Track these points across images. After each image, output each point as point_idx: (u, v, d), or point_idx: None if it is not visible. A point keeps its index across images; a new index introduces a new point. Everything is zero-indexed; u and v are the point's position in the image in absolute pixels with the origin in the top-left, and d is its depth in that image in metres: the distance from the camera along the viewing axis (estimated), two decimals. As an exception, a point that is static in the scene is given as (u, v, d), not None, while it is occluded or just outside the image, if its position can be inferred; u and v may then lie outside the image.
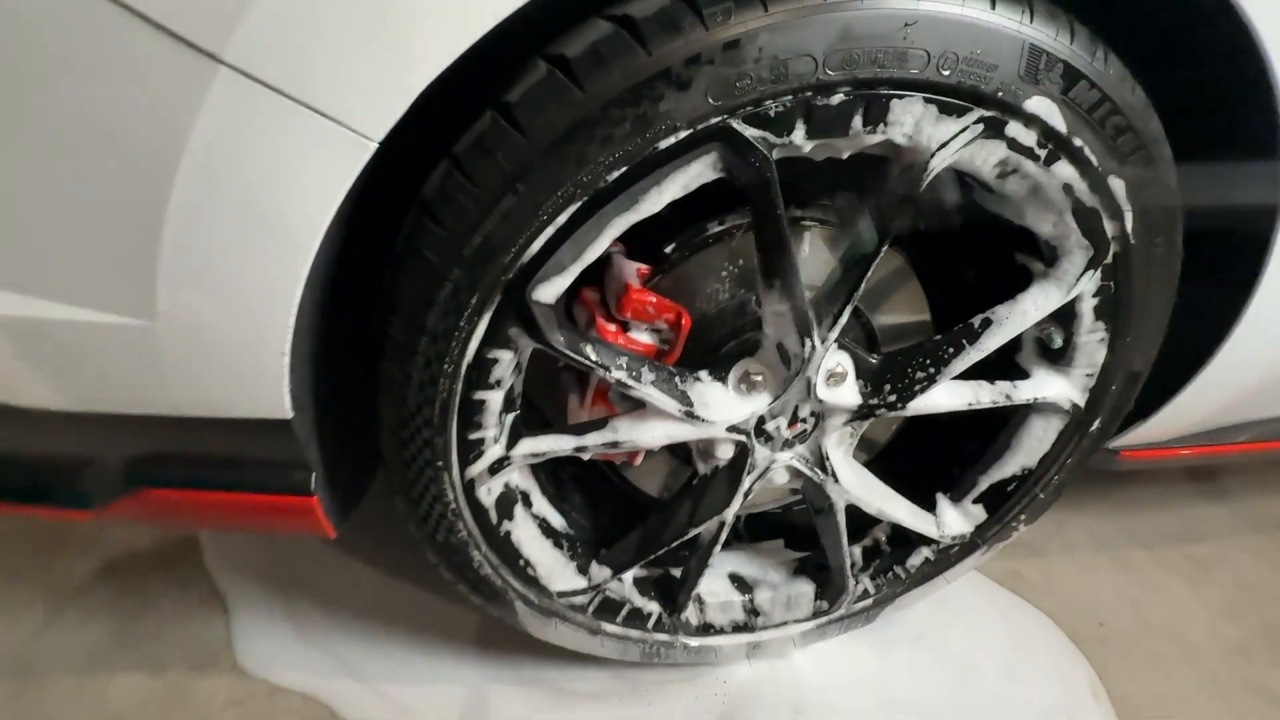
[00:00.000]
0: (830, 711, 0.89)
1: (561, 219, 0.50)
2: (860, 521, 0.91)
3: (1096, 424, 0.76)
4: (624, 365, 0.60)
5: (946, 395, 0.71)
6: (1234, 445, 0.95)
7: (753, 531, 1.00)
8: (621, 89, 0.45)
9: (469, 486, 0.64)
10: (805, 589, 0.91)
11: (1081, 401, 0.74)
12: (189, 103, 0.39)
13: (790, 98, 0.48)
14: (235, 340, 0.50)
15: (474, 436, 0.61)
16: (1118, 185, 0.57)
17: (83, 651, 0.93)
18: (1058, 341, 0.70)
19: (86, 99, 0.39)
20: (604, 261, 0.67)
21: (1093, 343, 0.69)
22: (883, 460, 0.91)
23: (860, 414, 0.71)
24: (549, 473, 0.80)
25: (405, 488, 0.64)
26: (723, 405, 0.66)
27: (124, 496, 0.65)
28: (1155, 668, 0.98)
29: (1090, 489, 1.28)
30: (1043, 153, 0.55)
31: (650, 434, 0.66)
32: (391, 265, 0.54)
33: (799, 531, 0.97)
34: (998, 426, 0.82)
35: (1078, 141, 0.54)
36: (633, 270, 0.67)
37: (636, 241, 0.67)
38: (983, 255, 0.74)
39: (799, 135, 0.50)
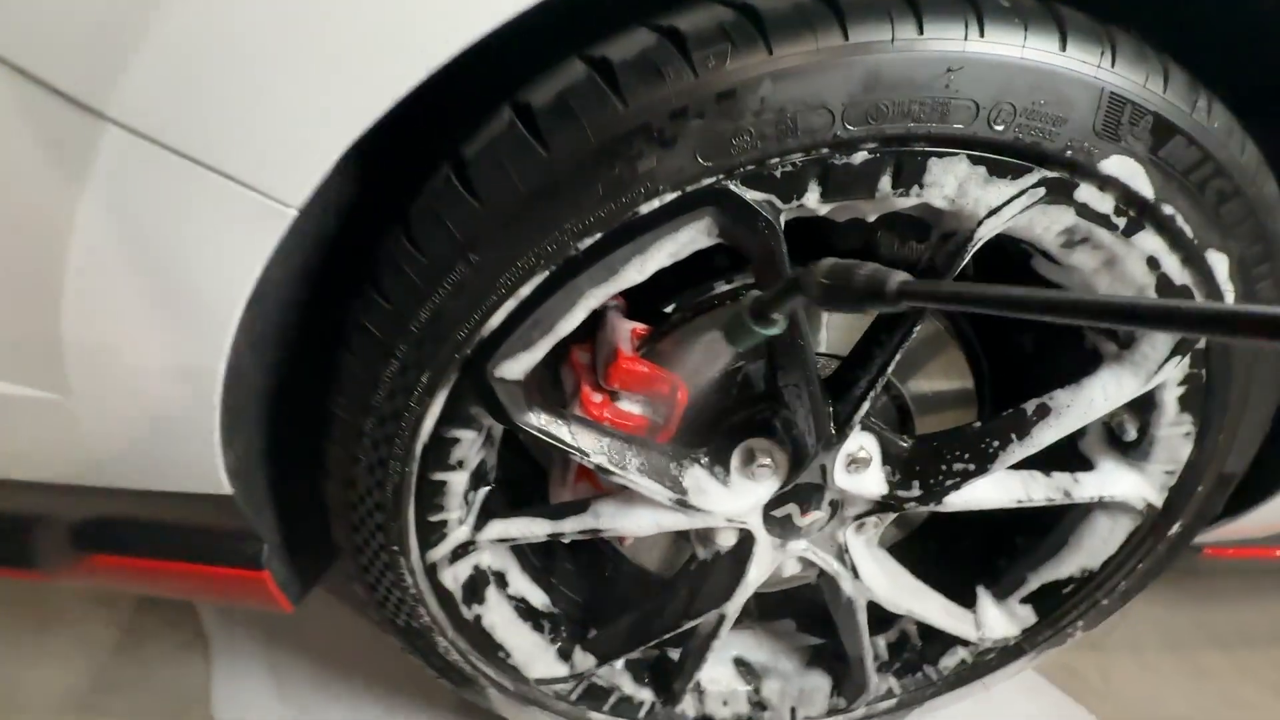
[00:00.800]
0: (844, 827, 0.78)
1: (525, 291, 0.42)
2: (886, 610, 0.80)
3: (1176, 528, 0.64)
4: (605, 449, 0.52)
5: (992, 490, 0.61)
6: (1345, 547, 0.80)
7: (763, 608, 0.90)
8: (593, 148, 0.38)
9: (431, 570, 0.57)
10: (820, 683, 0.80)
11: (1159, 502, 0.62)
12: (77, 164, 0.33)
13: (801, 156, 0.39)
14: (159, 418, 0.44)
15: (434, 519, 0.54)
16: (1218, 261, 0.46)
17: (61, 690, 0.90)
18: (1131, 434, 0.59)
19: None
20: (598, 317, 0.60)
21: (1176, 437, 0.58)
22: (917, 540, 0.80)
23: (885, 506, 0.61)
24: (536, 546, 0.72)
25: (361, 572, 0.57)
26: (722, 494, 0.57)
27: (73, 561, 0.61)
28: (1238, 803, 0.84)
29: (1160, 577, 1.13)
30: (1121, 221, 0.44)
31: (637, 522, 0.58)
32: (340, 350, 0.48)
33: (816, 610, 0.87)
34: (1055, 516, 0.71)
35: (1168, 209, 0.43)
36: (627, 332, 0.59)
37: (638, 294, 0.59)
38: (1043, 323, 0.63)
39: (812, 198, 0.42)
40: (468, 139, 0.42)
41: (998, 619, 0.74)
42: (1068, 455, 0.64)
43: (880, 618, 0.80)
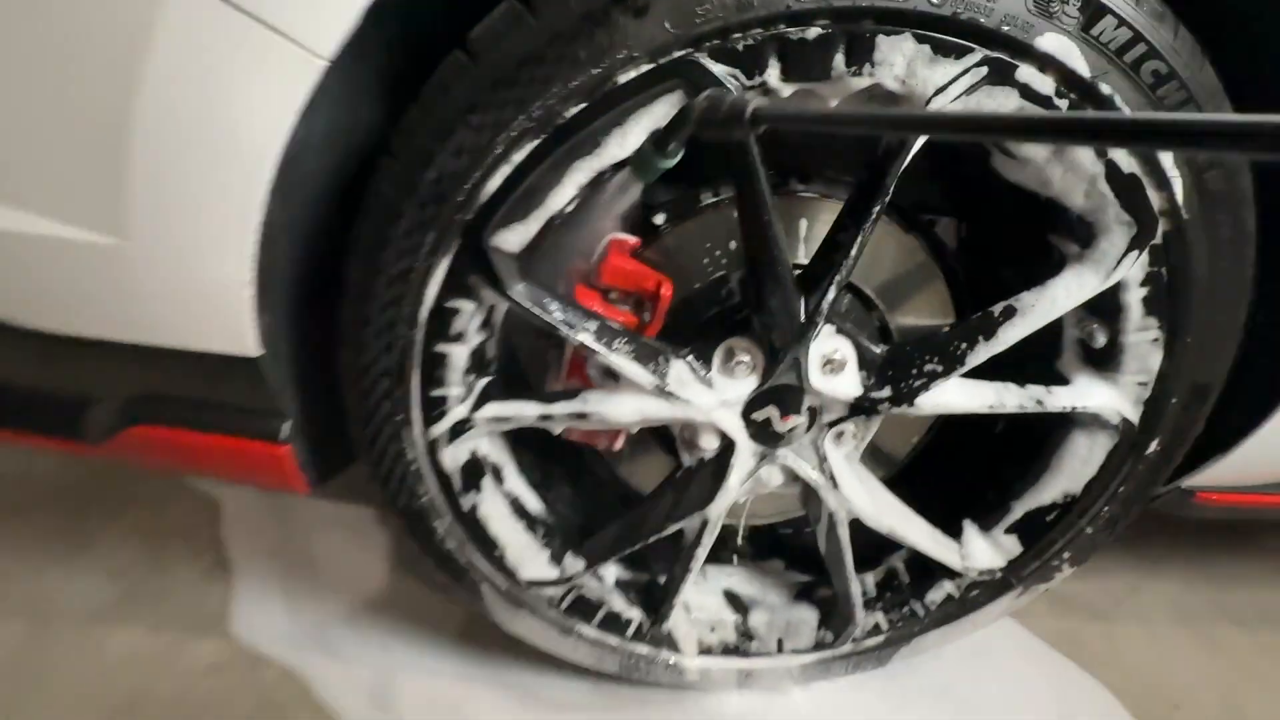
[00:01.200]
0: (829, 760, 0.78)
1: (517, 157, 0.48)
2: (874, 548, 0.81)
3: (1155, 446, 0.65)
4: (592, 330, 0.57)
5: (962, 394, 0.63)
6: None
7: (758, 552, 0.92)
8: (576, 15, 0.44)
9: (431, 447, 0.62)
10: (807, 616, 0.82)
11: (1134, 416, 0.63)
12: (148, 11, 0.41)
13: (759, 30, 0.45)
14: (202, 270, 0.51)
15: (436, 393, 0.59)
16: (1161, 147, 0.49)
17: (95, 602, 0.97)
18: (1100, 340, 0.61)
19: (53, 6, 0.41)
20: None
21: (1144, 343, 0.60)
22: (904, 482, 0.81)
23: (861, 408, 0.64)
24: (535, 461, 0.77)
25: (368, 443, 0.62)
26: (702, 388, 0.61)
27: (119, 433, 0.68)
28: (1248, 769, 0.80)
29: (1176, 554, 1.10)
30: (1063, 104, 0.48)
31: (621, 409, 0.62)
32: (359, 215, 0.54)
33: (810, 557, 0.88)
34: (1039, 444, 0.72)
35: (1106, 89, 0.47)
36: (619, 239, 0.65)
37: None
38: (1022, 253, 0.66)
39: (774, 76, 0.47)
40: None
41: (983, 549, 0.75)
42: (1044, 374, 0.66)
43: (868, 556, 0.82)
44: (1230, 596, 1.03)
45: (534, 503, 0.73)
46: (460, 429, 0.62)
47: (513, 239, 0.52)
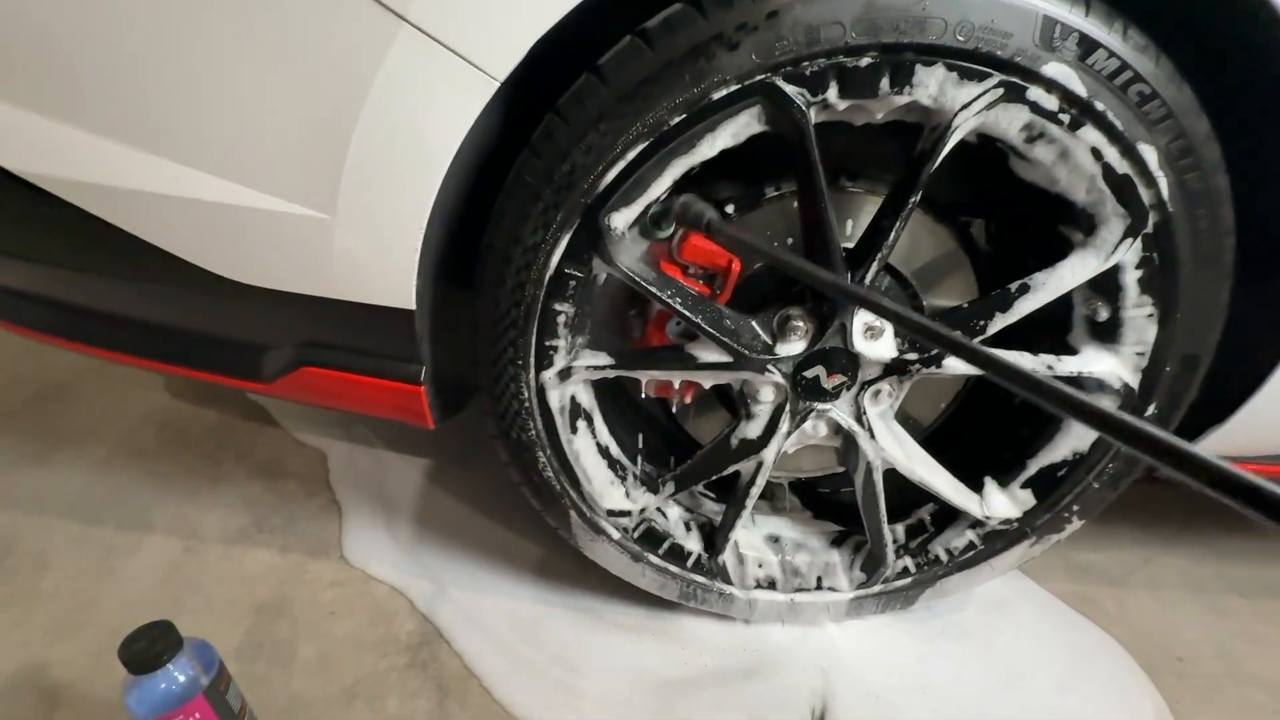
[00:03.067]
0: (859, 683, 0.90)
1: (631, 154, 0.63)
2: (905, 499, 0.93)
3: (1152, 409, 0.76)
4: (674, 292, 0.71)
5: (983, 359, 0.75)
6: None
7: (801, 506, 1.04)
8: (684, 49, 0.58)
9: (540, 389, 0.77)
10: (843, 559, 0.94)
11: (1134, 382, 0.74)
12: (378, 47, 0.57)
13: (824, 60, 0.58)
14: (385, 235, 0.67)
15: (548, 343, 0.74)
16: (1148, 152, 0.61)
17: (233, 527, 1.15)
18: (1104, 314, 0.72)
19: (310, 39, 0.57)
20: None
21: (1140, 318, 0.71)
22: (933, 445, 0.93)
23: (896, 368, 0.76)
24: (615, 415, 0.91)
25: (490, 383, 0.77)
26: (760, 339, 0.75)
27: (289, 374, 0.84)
28: (1242, 714, 0.89)
29: (1189, 532, 1.19)
30: (1066, 117, 0.60)
31: (702, 361, 0.75)
32: (502, 194, 0.70)
33: (846, 511, 1.00)
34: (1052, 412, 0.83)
35: (1100, 105, 0.59)
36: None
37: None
38: (1038, 243, 0.78)
39: (833, 93, 0.60)
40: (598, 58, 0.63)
41: (1001, 501, 0.86)
42: (1057, 347, 0.78)
43: (899, 506, 0.94)
44: (1237, 570, 1.11)
45: (617, 450, 0.87)
46: (564, 375, 0.76)
47: (619, 219, 0.67)
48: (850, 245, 0.74)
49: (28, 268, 0.87)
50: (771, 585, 0.94)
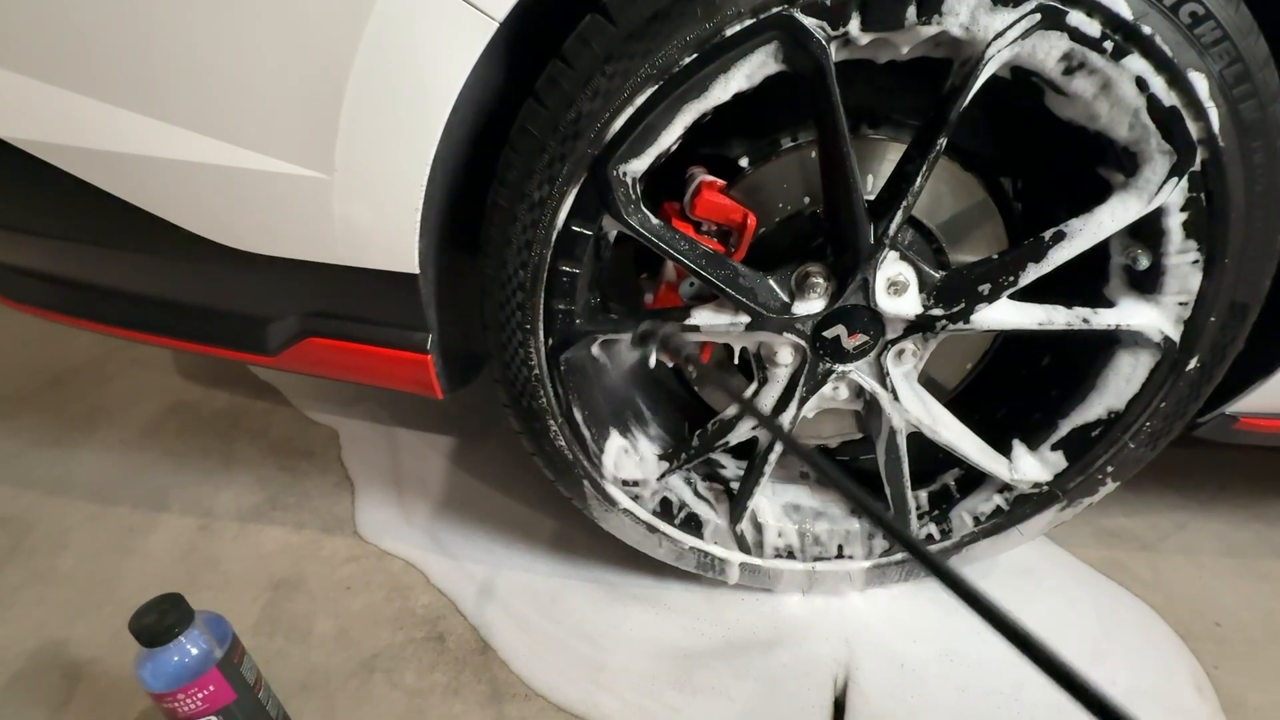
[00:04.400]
0: (883, 652, 0.88)
1: (640, 99, 0.59)
2: (929, 465, 0.90)
3: (1194, 363, 0.72)
4: (686, 250, 0.68)
5: (1015, 312, 0.71)
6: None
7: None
8: (695, -21, 0.54)
9: (551, 354, 0.74)
10: (864, 526, 0.91)
11: (1175, 335, 0.70)
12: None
13: (844, -13, 0.54)
14: (385, 194, 0.64)
15: (558, 306, 0.71)
16: (1199, 80, 0.57)
17: (248, 505, 1.15)
18: (1144, 263, 0.68)
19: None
20: (685, 181, 0.76)
21: (1184, 265, 0.66)
22: (959, 408, 0.89)
23: (921, 325, 0.73)
24: (633, 384, 0.88)
25: (499, 350, 0.75)
26: (782, 303, 0.71)
27: (294, 345, 0.83)
28: (1284, 678, 0.86)
29: (1225, 496, 1.14)
30: (1109, 45, 0.56)
31: (716, 322, 0.72)
32: (506, 149, 0.66)
33: (866, 478, 0.97)
34: (1087, 364, 0.79)
35: (1147, 29, 0.55)
36: (710, 179, 0.75)
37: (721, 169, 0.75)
38: (1076, 193, 0.73)
39: (855, 26, 0.56)
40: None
41: (1031, 464, 0.83)
42: (1092, 299, 0.73)
43: (924, 472, 0.90)
44: (1277, 534, 1.07)
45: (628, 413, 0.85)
46: (575, 339, 0.74)
47: (628, 170, 0.64)
48: (871, 197, 0.70)
49: (29, 243, 0.86)
50: (791, 555, 0.91)
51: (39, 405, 1.42)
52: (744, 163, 0.76)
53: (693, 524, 0.90)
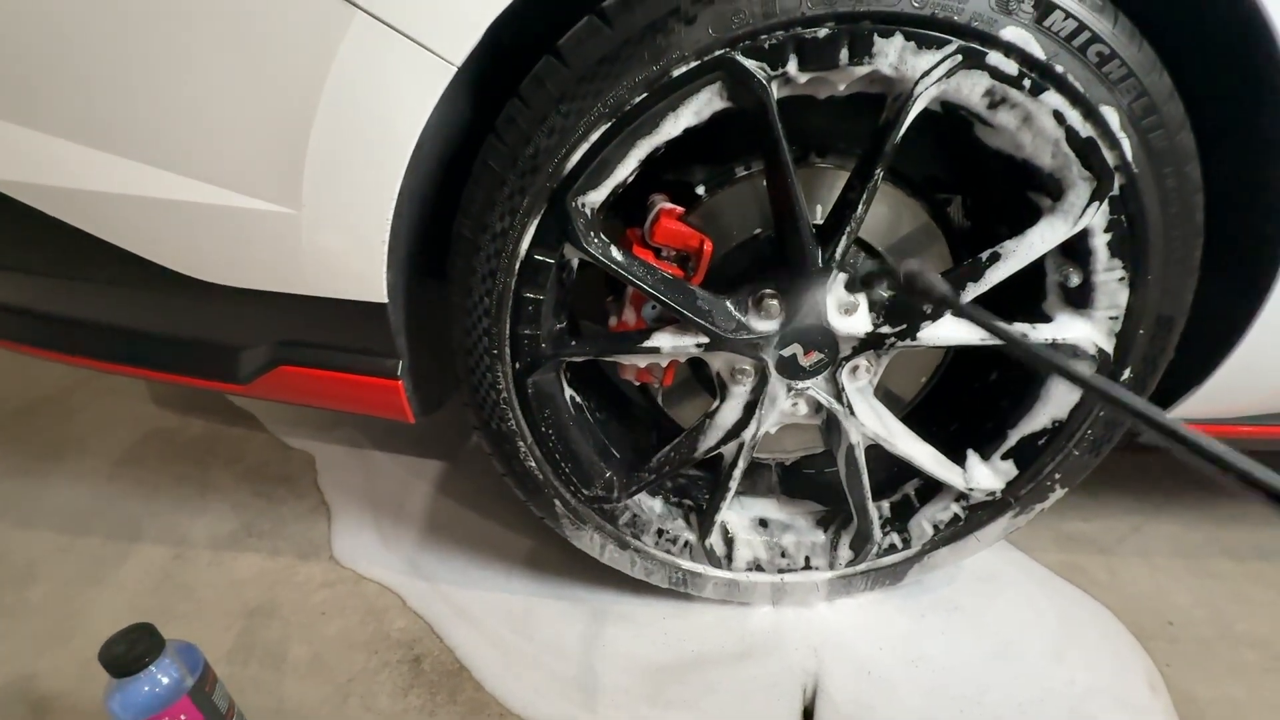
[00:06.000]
0: (851, 660, 0.90)
1: (594, 135, 0.62)
2: (890, 476, 0.93)
3: (1128, 374, 0.76)
4: (644, 275, 0.71)
5: (959, 329, 0.75)
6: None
7: (786, 488, 1.04)
8: (641, 25, 0.58)
9: (518, 378, 0.77)
10: (830, 538, 0.94)
11: (1109, 347, 0.74)
12: (333, 35, 0.56)
13: (781, 32, 0.58)
14: (352, 227, 0.67)
15: (524, 331, 0.74)
16: (1110, 113, 0.61)
17: (223, 533, 1.15)
18: (1075, 280, 0.72)
19: (265, 29, 0.57)
20: (646, 209, 0.79)
21: (1112, 281, 0.71)
22: (914, 421, 0.93)
23: (871, 342, 0.76)
24: (596, 401, 0.91)
25: (468, 375, 0.77)
26: (735, 318, 0.74)
27: (265, 373, 0.84)
28: (1232, 673, 0.89)
29: (1179, 499, 1.19)
30: (1027, 82, 0.60)
31: (677, 344, 0.75)
32: (469, 182, 0.69)
33: (830, 491, 1.00)
34: (1032, 379, 0.83)
35: (1059, 68, 0.59)
36: (668, 208, 0.78)
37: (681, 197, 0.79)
38: (1014, 215, 0.77)
39: (793, 66, 0.60)
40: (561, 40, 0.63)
41: (984, 473, 0.86)
42: (1031, 315, 0.78)
43: (885, 483, 0.94)
44: (1228, 534, 1.11)
45: (599, 440, 0.87)
46: (541, 362, 0.76)
47: (586, 202, 0.67)
48: (820, 223, 0.74)
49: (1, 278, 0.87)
50: (759, 567, 0.94)
51: (8, 435, 1.41)
52: (701, 190, 0.79)
53: (663, 539, 0.92)
